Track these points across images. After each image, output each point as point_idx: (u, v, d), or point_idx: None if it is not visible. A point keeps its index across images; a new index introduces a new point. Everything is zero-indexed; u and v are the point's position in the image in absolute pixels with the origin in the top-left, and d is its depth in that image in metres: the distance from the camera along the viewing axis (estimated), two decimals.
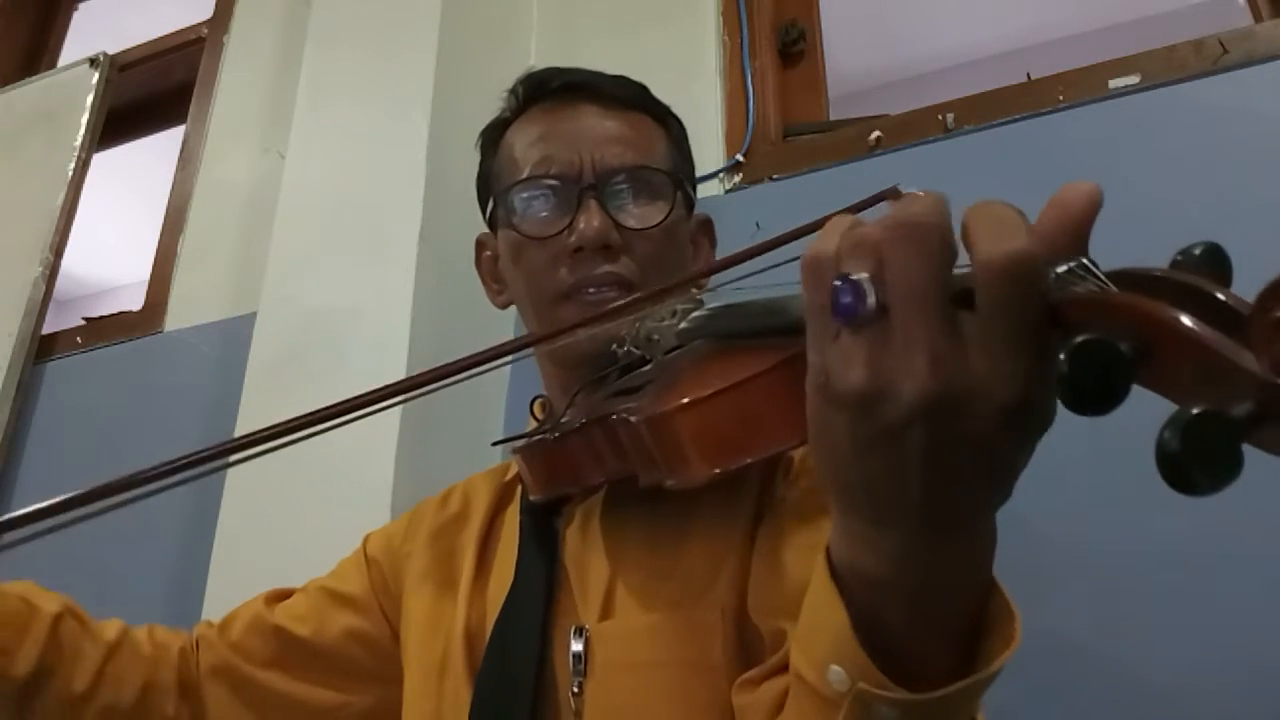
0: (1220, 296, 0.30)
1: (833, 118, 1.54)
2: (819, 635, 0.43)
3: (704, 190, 1.43)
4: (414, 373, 1.34)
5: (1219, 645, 0.95)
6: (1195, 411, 0.26)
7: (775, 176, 1.41)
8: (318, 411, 0.51)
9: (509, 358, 0.55)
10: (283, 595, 0.90)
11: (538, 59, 1.71)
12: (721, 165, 1.45)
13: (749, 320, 0.58)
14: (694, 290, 0.71)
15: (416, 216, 1.37)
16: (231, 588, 1.27)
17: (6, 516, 0.45)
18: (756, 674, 0.57)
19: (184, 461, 0.47)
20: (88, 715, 0.78)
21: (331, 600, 0.87)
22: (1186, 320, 0.29)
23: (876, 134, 1.37)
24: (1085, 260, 0.33)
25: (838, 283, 0.36)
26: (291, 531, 1.26)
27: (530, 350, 0.75)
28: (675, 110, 0.89)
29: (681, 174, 0.83)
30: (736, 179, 1.44)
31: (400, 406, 1.22)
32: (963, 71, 2.90)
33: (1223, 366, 0.28)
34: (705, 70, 1.54)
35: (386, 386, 0.52)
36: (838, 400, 0.37)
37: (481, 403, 1.38)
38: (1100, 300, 0.32)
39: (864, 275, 0.35)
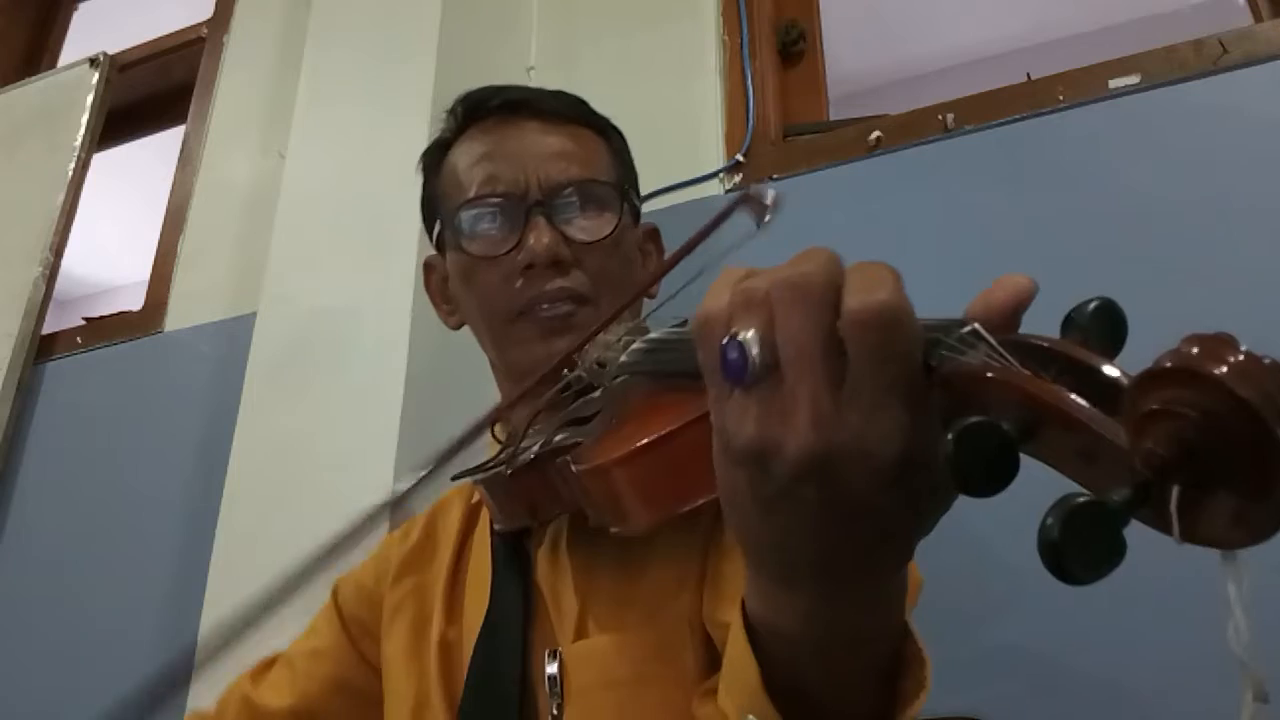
0: (1105, 371, 0.29)
1: (833, 118, 1.53)
2: (737, 685, 0.44)
3: (704, 190, 1.43)
4: (414, 373, 1.35)
5: (1207, 645, 0.94)
6: (1078, 503, 0.26)
7: (775, 176, 1.41)
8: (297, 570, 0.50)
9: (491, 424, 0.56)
10: (268, 665, 0.90)
11: (538, 59, 1.71)
12: (721, 165, 1.45)
13: (684, 359, 0.57)
14: (646, 299, 0.71)
15: (416, 216, 1.37)
16: (231, 588, 1.28)
17: None
18: (713, 684, 0.57)
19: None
20: None
21: (310, 660, 0.87)
22: (1067, 401, 0.29)
23: (876, 134, 1.36)
24: (978, 327, 0.33)
25: (724, 342, 0.36)
26: (291, 532, 1.25)
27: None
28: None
29: (626, 184, 0.84)
30: (736, 179, 1.44)
31: (397, 426, 1.23)
32: (963, 71, 2.90)
33: (1103, 448, 0.28)
34: (705, 70, 1.54)
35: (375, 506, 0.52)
36: (735, 459, 0.37)
37: (481, 404, 1.38)
38: (984, 375, 0.32)
39: (749, 334, 0.35)
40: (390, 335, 1.31)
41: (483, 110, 0.83)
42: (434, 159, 0.87)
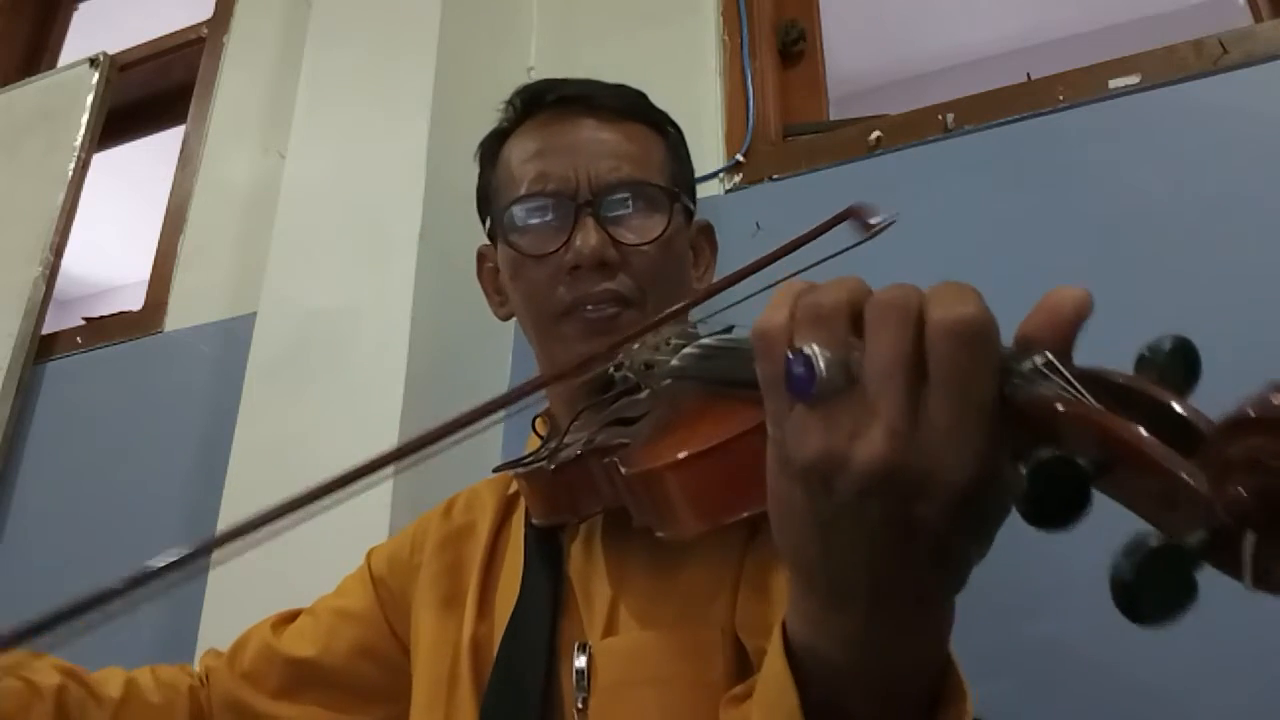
0: (1182, 412, 0.29)
1: (833, 118, 1.53)
2: (776, 710, 0.43)
3: (704, 190, 1.43)
4: (414, 373, 1.35)
5: (1217, 647, 0.95)
6: (1152, 545, 0.26)
7: (775, 176, 1.41)
8: (308, 492, 0.49)
9: (509, 408, 0.55)
10: (290, 618, 0.90)
11: (537, 59, 1.71)
12: (721, 165, 1.45)
13: (738, 367, 0.56)
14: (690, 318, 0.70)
15: (416, 216, 1.37)
16: (228, 603, 1.28)
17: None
18: (742, 691, 0.57)
19: (165, 565, 0.46)
20: None
21: (338, 618, 0.87)
22: (1147, 442, 0.28)
23: (876, 134, 1.36)
24: (1051, 357, 0.33)
25: (790, 355, 0.35)
26: (289, 549, 1.25)
27: (528, 399, 0.76)
28: (675, 111, 0.88)
29: (679, 184, 0.83)
30: (736, 179, 1.44)
31: (398, 426, 1.23)
32: (963, 71, 2.90)
33: (1179, 491, 0.28)
34: (705, 70, 1.54)
35: (382, 454, 0.51)
36: (795, 473, 0.37)
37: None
38: (1060, 410, 0.31)
39: (814, 348, 0.35)
40: (390, 335, 1.31)
41: (539, 104, 0.82)
42: (490, 150, 0.86)
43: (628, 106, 0.83)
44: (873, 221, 0.53)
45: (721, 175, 1.45)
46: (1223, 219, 1.11)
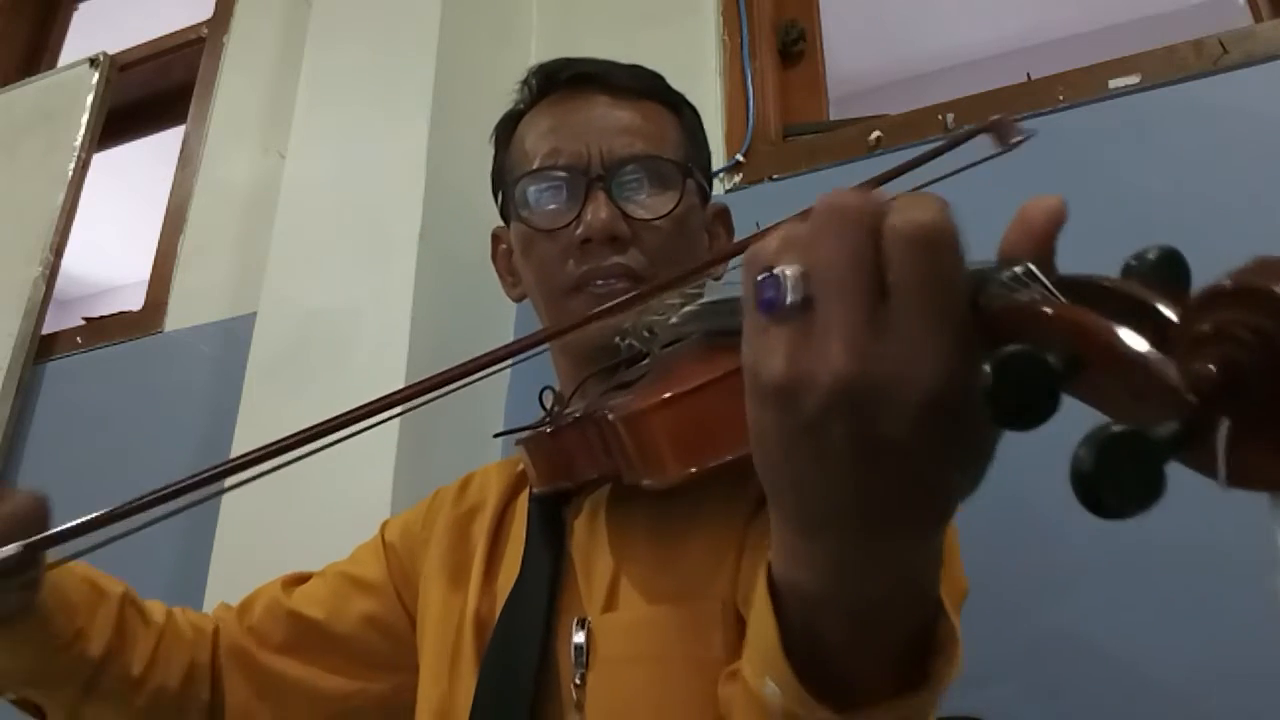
0: (1164, 311, 0.27)
1: (833, 118, 1.54)
2: (758, 646, 0.43)
3: None
4: (414, 373, 1.36)
5: (1226, 647, 0.95)
6: (1114, 431, 0.24)
7: (775, 176, 1.41)
8: (319, 425, 0.49)
9: (512, 360, 0.55)
10: (301, 579, 0.89)
11: (537, 59, 1.70)
12: (721, 165, 1.45)
13: (735, 317, 0.58)
14: (711, 280, 0.70)
15: (416, 216, 1.37)
16: (231, 586, 1.27)
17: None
18: (739, 666, 0.57)
19: (180, 486, 0.46)
20: (141, 697, 0.78)
21: (349, 585, 0.87)
22: (1115, 333, 0.27)
23: (876, 134, 1.36)
24: (1030, 266, 0.32)
25: (760, 277, 0.35)
26: (291, 530, 1.26)
27: (529, 353, 0.77)
28: None
29: (693, 163, 0.82)
30: (736, 179, 1.44)
31: (397, 425, 1.23)
32: (963, 71, 2.90)
33: (1150, 383, 0.26)
34: (705, 70, 1.54)
35: (389, 394, 0.52)
36: (763, 395, 0.36)
37: (482, 402, 1.38)
38: (1031, 310, 0.30)
39: (787, 269, 0.35)
40: (390, 335, 1.31)
41: (554, 83, 0.82)
42: (505, 130, 0.86)
43: (643, 85, 0.82)
44: (1016, 138, 0.52)
45: (721, 175, 1.45)
46: (1223, 219, 1.11)
